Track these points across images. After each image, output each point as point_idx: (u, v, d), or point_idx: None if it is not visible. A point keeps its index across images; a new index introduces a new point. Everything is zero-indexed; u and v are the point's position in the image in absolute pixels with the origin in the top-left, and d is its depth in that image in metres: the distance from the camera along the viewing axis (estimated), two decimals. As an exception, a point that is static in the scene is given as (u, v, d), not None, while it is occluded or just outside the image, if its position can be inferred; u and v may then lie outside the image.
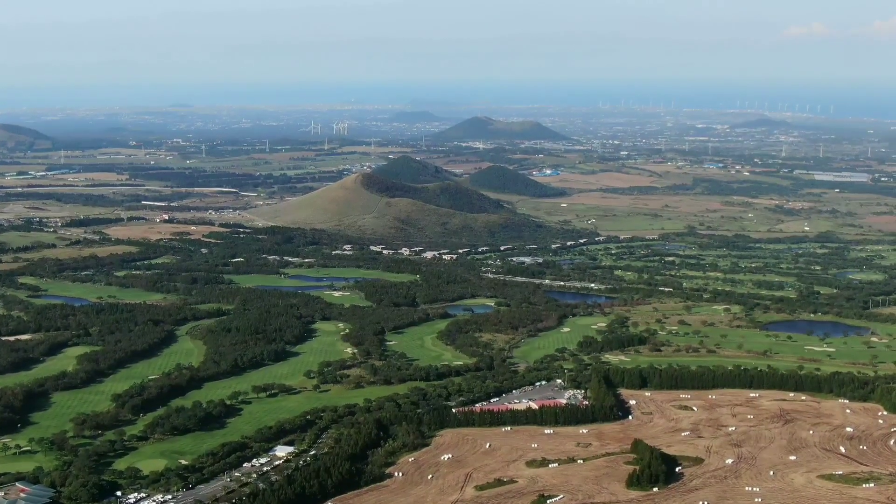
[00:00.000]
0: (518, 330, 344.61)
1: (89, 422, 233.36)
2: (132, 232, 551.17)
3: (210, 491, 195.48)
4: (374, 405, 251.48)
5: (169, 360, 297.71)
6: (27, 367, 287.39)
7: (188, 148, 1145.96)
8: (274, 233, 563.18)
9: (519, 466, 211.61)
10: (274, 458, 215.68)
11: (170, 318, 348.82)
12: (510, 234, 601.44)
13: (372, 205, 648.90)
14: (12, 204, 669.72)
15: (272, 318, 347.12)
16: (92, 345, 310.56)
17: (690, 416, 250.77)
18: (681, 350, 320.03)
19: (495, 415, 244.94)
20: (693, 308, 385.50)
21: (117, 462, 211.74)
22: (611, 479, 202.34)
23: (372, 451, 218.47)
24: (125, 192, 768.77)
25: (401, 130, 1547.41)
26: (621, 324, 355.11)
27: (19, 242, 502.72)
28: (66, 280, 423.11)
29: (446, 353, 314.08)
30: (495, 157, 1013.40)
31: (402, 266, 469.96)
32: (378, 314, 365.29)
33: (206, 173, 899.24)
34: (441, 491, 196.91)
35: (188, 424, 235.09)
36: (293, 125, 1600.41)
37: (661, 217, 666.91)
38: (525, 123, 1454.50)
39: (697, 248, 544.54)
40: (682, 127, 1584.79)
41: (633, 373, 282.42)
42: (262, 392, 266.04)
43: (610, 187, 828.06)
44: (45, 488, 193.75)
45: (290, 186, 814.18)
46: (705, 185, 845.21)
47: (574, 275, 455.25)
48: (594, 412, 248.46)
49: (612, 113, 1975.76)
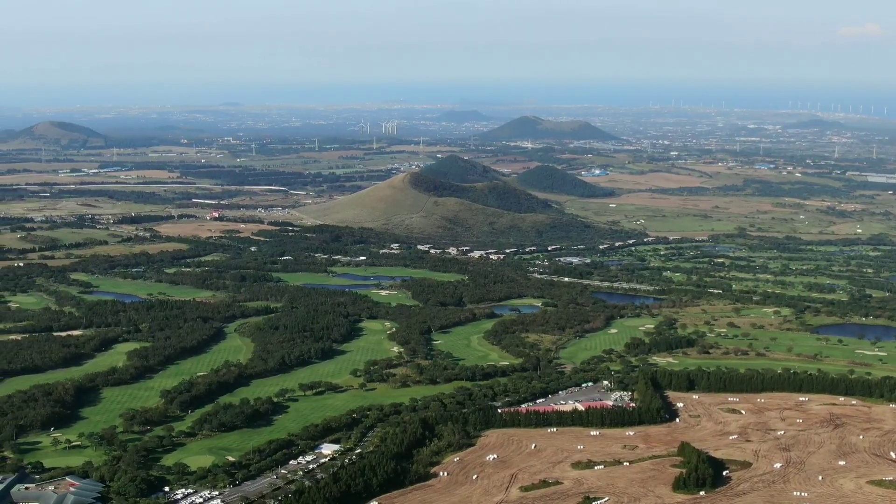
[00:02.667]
0: (565, 331, 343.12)
1: (138, 417, 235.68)
2: (182, 229, 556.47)
3: (256, 488, 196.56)
4: (420, 404, 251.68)
5: (217, 357, 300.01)
6: (78, 362, 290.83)
7: (238, 146, 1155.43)
8: (322, 231, 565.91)
9: (564, 468, 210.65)
10: (320, 455, 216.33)
11: (218, 315, 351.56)
12: (558, 235, 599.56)
13: (420, 204, 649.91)
14: (65, 201, 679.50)
15: (319, 316, 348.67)
16: (142, 341, 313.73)
17: (738, 420, 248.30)
18: (729, 353, 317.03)
19: (541, 415, 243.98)
20: (742, 310, 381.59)
21: (165, 458, 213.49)
22: (657, 482, 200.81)
23: (417, 450, 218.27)
24: (176, 189, 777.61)
25: (449, 130, 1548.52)
26: (669, 325, 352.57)
27: (72, 239, 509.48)
28: (117, 277, 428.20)
29: (492, 353, 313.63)
30: (544, 157, 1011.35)
31: (448, 265, 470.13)
32: (424, 313, 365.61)
33: (255, 172, 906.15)
34: (486, 491, 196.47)
35: (235, 421, 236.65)
36: (342, 124, 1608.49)
37: (710, 218, 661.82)
38: (574, 123, 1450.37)
39: (747, 250, 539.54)
40: (733, 127, 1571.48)
41: (681, 375, 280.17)
42: (309, 390, 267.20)
43: (659, 188, 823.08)
44: (95, 482, 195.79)
45: (339, 185, 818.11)
46: (756, 186, 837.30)
47: (622, 276, 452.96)
48: (641, 414, 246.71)
49: (662, 113, 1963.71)
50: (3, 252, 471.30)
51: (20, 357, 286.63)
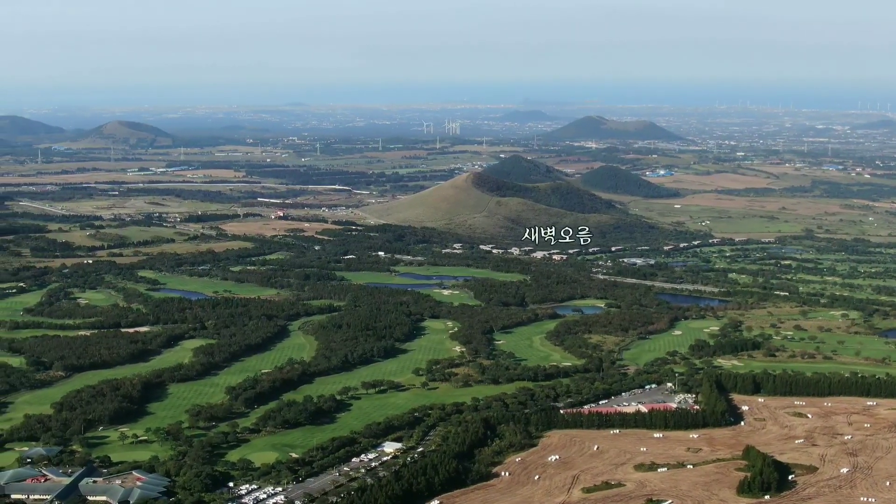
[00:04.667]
0: (628, 332, 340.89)
1: (204, 413, 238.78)
2: (248, 228, 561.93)
3: (319, 485, 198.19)
4: (482, 404, 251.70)
5: (281, 355, 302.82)
6: (145, 358, 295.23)
7: (303, 146, 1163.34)
8: (385, 231, 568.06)
9: (627, 470, 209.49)
10: (382, 453, 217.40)
11: (283, 313, 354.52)
12: (621, 235, 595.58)
13: (482, 204, 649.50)
14: (134, 199, 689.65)
15: (382, 315, 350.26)
16: (207, 338, 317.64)
17: (805, 424, 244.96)
18: (796, 356, 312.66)
19: (604, 417, 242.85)
20: (809, 313, 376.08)
21: (230, 453, 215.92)
22: (721, 486, 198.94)
23: (479, 449, 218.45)
24: (242, 188, 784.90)
25: (512, 130, 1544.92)
26: (735, 328, 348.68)
27: (140, 237, 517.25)
28: (184, 274, 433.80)
29: (555, 354, 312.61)
30: (607, 157, 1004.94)
31: (511, 265, 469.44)
32: (487, 313, 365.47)
33: (320, 171, 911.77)
34: (548, 492, 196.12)
35: (299, 418, 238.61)
36: (405, 124, 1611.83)
37: (777, 219, 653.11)
38: (638, 123, 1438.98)
39: (815, 252, 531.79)
40: (801, 128, 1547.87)
41: (746, 378, 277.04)
42: (372, 388, 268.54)
43: (725, 188, 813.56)
44: (161, 477, 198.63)
45: (402, 185, 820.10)
46: (824, 187, 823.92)
47: (686, 277, 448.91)
48: (705, 417, 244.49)
49: (728, 113, 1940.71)
50: (73, 249, 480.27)
51: (89, 353, 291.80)
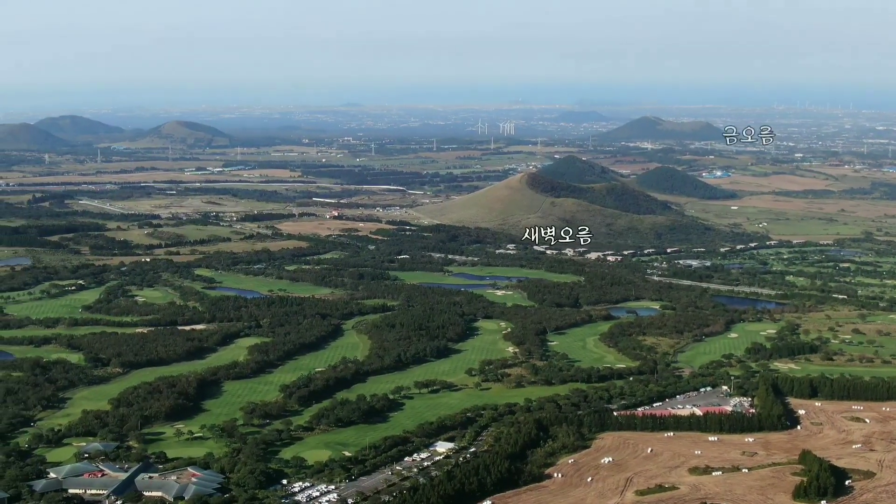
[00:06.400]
0: (683, 334, 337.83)
1: (258, 411, 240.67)
2: (303, 227, 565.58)
3: (372, 483, 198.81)
4: (535, 405, 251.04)
5: (335, 354, 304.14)
6: (201, 356, 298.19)
7: (358, 146, 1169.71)
8: (439, 231, 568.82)
9: (681, 473, 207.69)
10: (434, 453, 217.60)
11: (337, 312, 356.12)
12: (677, 237, 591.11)
13: (536, 204, 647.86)
14: (191, 198, 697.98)
15: (435, 314, 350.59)
16: (262, 336, 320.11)
17: (862, 429, 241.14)
18: (854, 360, 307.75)
19: (658, 419, 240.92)
20: (868, 317, 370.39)
21: (283, 451, 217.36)
22: (776, 490, 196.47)
23: (531, 450, 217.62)
24: (297, 188, 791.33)
25: (567, 130, 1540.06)
26: (792, 331, 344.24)
27: (196, 235, 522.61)
28: (240, 273, 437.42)
29: (608, 356, 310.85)
30: (663, 158, 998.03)
31: (565, 266, 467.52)
32: (540, 314, 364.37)
33: (374, 171, 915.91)
34: (601, 494, 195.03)
35: (352, 417, 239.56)
36: (460, 124, 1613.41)
37: (836, 222, 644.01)
38: (695, 124, 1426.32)
39: (874, 255, 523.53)
40: (861, 129, 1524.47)
41: (803, 381, 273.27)
42: (424, 388, 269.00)
43: (783, 190, 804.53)
44: (215, 474, 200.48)
45: (456, 185, 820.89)
46: (884, 189, 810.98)
47: (743, 279, 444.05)
48: (761, 421, 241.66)
49: (787, 114, 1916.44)
50: (131, 247, 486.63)
51: (146, 350, 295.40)
